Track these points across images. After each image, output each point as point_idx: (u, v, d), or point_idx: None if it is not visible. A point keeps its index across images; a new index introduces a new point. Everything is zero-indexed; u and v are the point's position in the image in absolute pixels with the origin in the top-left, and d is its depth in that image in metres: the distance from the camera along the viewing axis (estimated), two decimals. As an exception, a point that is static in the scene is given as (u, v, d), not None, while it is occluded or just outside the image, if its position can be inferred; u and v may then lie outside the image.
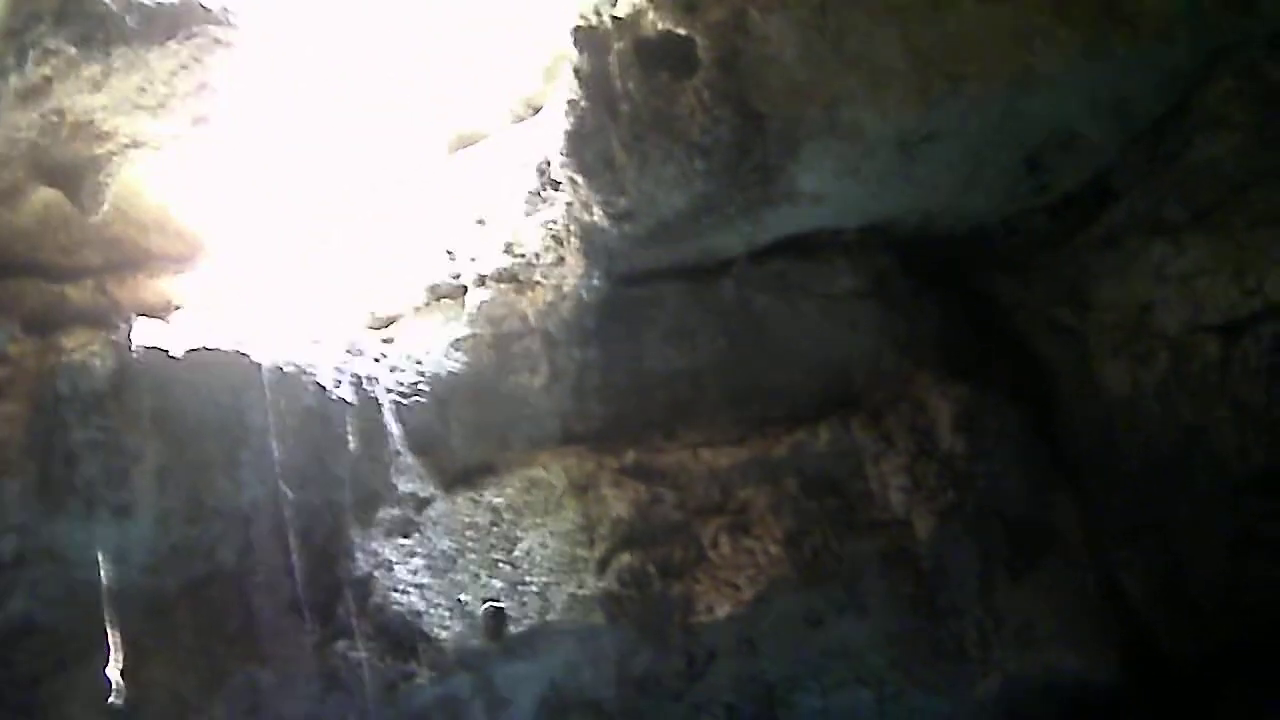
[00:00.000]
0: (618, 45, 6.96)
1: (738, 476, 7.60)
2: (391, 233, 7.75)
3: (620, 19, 6.97)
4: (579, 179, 7.09)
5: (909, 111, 6.82)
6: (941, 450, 7.60)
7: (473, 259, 7.64)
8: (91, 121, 6.69)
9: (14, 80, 6.30)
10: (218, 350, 6.90)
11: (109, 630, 6.56)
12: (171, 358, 6.81)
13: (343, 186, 7.72)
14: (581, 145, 7.05)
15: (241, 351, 6.93)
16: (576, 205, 7.18)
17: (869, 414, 7.71)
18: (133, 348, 6.78)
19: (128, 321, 6.87)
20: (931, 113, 6.82)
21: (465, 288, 7.68)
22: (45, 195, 6.92)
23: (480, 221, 7.65)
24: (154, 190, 7.19)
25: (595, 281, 7.39)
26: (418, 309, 7.76)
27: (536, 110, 7.76)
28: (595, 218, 7.14)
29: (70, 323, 6.90)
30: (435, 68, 7.65)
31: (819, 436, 7.68)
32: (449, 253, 7.70)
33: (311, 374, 7.05)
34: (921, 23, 6.72)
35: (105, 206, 6.95)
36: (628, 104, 6.94)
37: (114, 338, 6.78)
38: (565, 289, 7.44)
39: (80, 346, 6.74)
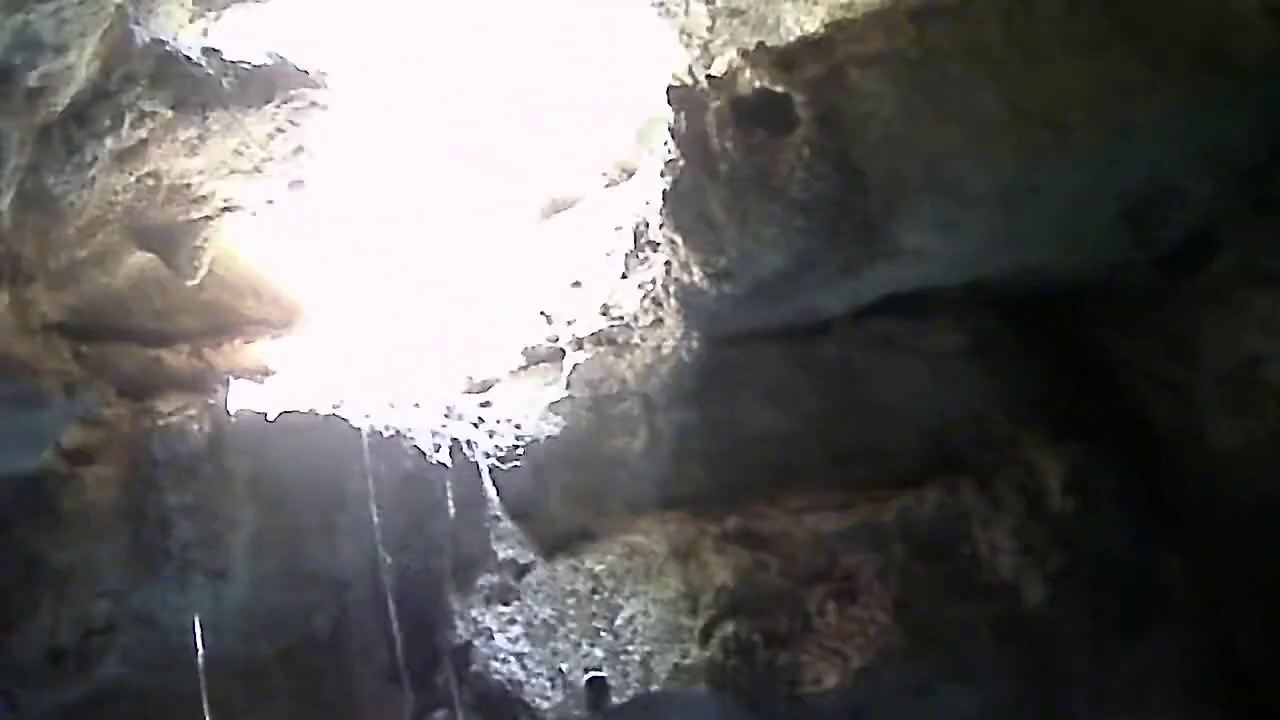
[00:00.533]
0: (714, 104, 6.92)
1: (843, 542, 7.40)
2: (487, 296, 7.70)
3: (716, 78, 6.94)
4: (678, 238, 7.00)
5: (1010, 164, 6.71)
6: (1051, 512, 7.37)
7: (569, 322, 7.56)
8: (188, 185, 6.68)
9: (110, 143, 6.26)
10: (314, 414, 6.83)
11: (202, 696, 6.42)
12: (268, 421, 6.75)
13: (438, 250, 7.66)
14: (680, 204, 6.97)
15: (339, 415, 6.83)
16: (675, 265, 7.08)
17: (976, 476, 7.49)
18: (228, 411, 6.67)
19: (223, 385, 6.77)
20: (1032, 165, 6.70)
21: (562, 351, 7.61)
22: (141, 260, 6.88)
23: (576, 284, 7.59)
24: (250, 255, 7.16)
25: (694, 343, 7.27)
26: (514, 372, 7.68)
27: (629, 174, 7.75)
28: (694, 278, 7.04)
29: (165, 387, 6.84)
30: (528, 132, 7.64)
31: (925, 500, 7.47)
32: (545, 316, 7.63)
33: (410, 438, 6.94)
34: (1018, 76, 6.61)
35: (202, 271, 6.85)
36: (726, 162, 6.87)
37: (210, 401, 6.72)
38: (664, 351, 7.33)
39: (176, 411, 6.70)
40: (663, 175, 7.00)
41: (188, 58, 6.30)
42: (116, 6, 5.89)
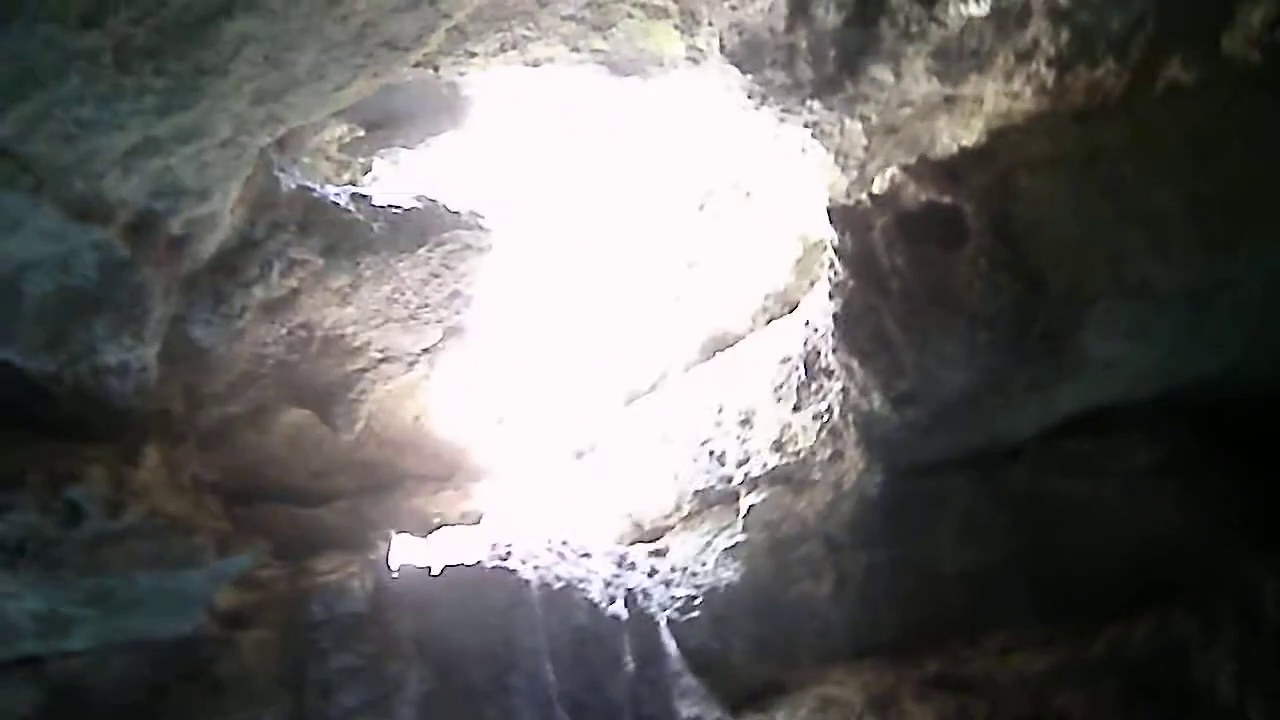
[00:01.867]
0: (880, 221, 6.62)
1: (1052, 681, 6.73)
2: (654, 439, 7.32)
3: (878, 195, 6.66)
4: (854, 362, 6.62)
5: (1195, 260, 6.29)
6: (1271, 629, 6.65)
7: (741, 461, 7.16)
8: (341, 336, 6.51)
9: (258, 292, 6.12)
10: (480, 566, 6.45)
11: None
12: (432, 576, 6.36)
13: (600, 393, 7.35)
14: (853, 326, 6.62)
15: (506, 567, 6.42)
16: (853, 392, 6.69)
17: (1187, 598, 6.81)
18: (390, 568, 6.30)
19: (384, 541, 6.41)
20: (1217, 259, 6.27)
21: (736, 492, 7.17)
22: (295, 417, 6.67)
23: (745, 422, 7.21)
24: (407, 408, 6.89)
25: (878, 476, 6.80)
26: (687, 518, 7.24)
27: (790, 307, 7.43)
28: (874, 404, 6.62)
29: (323, 546, 6.58)
30: (682, 270, 7.41)
31: (1135, 629, 6.77)
32: (716, 457, 7.23)
33: (583, 589, 6.52)
34: (1195, 171, 6.23)
35: (359, 425, 6.59)
36: (897, 279, 6.54)
37: (371, 557, 6.34)
38: (845, 486, 6.87)
39: (335, 569, 6.38)
40: (831, 298, 6.67)
41: (336, 203, 6.18)
42: (260, 150, 5.80)
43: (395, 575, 6.32)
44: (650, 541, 7.22)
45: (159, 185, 5.44)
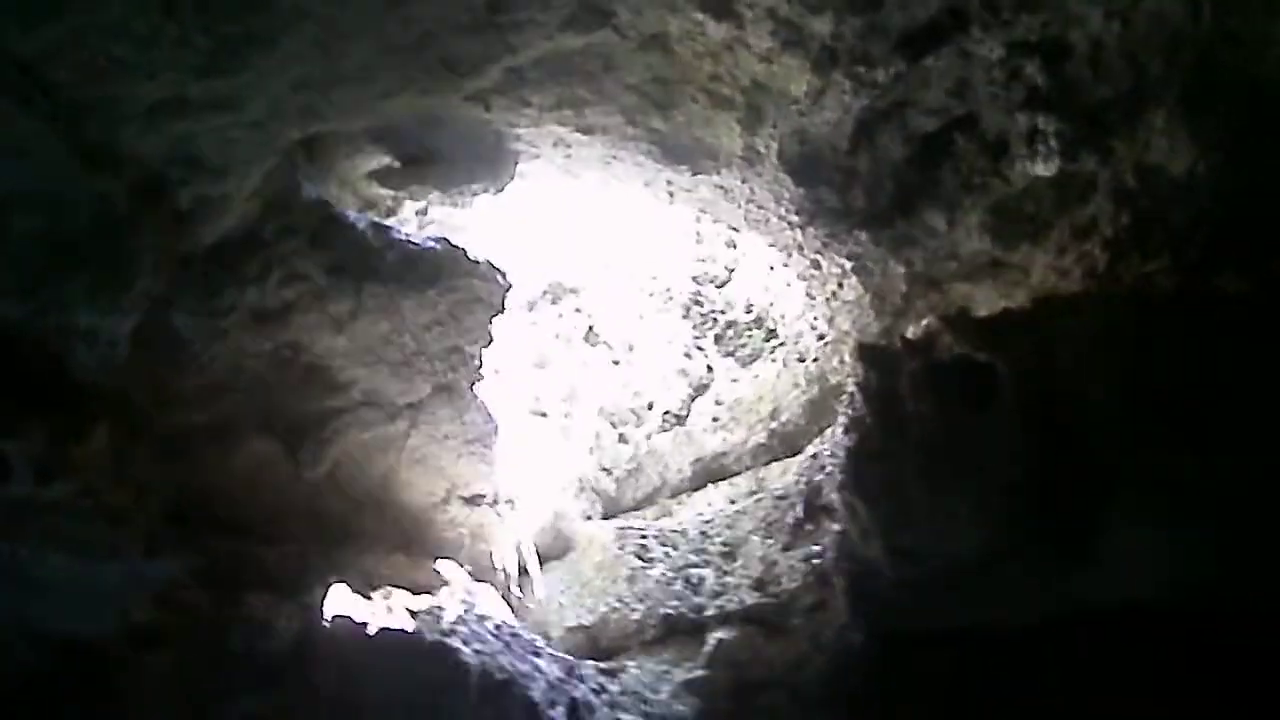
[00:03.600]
0: (909, 366, 6.32)
1: None
2: (630, 557, 6.83)
3: (911, 340, 6.38)
4: (859, 504, 6.20)
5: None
6: None
7: (717, 593, 6.65)
8: (327, 368, 6.10)
9: (251, 295, 5.76)
10: (420, 637, 5.82)
11: None
12: (366, 636, 5.73)
13: (580, 498, 6.90)
14: (866, 466, 6.23)
15: (448, 645, 5.83)
16: (852, 535, 6.24)
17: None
18: (323, 616, 5.73)
19: (323, 587, 5.87)
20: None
21: (706, 624, 6.61)
22: (260, 448, 6.21)
23: (729, 554, 6.73)
24: (377, 465, 6.44)
25: (859, 635, 6.27)
26: (647, 643, 6.68)
27: (794, 451, 7.05)
28: (872, 553, 6.17)
29: (259, 586, 5.91)
30: (686, 392, 7.06)
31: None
32: (691, 584, 6.70)
33: (525, 687, 5.88)
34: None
35: (324, 467, 6.15)
36: (919, 427, 6.18)
37: (306, 600, 5.77)
38: (823, 640, 6.35)
39: (265, 605, 5.73)
40: (846, 433, 6.30)
41: (353, 225, 5.91)
42: (288, 147, 5.56)
43: (326, 624, 5.72)
44: (605, 660, 6.62)
45: (178, 151, 5.17)
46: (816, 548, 6.42)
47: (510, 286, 6.17)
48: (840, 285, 6.75)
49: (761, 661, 6.40)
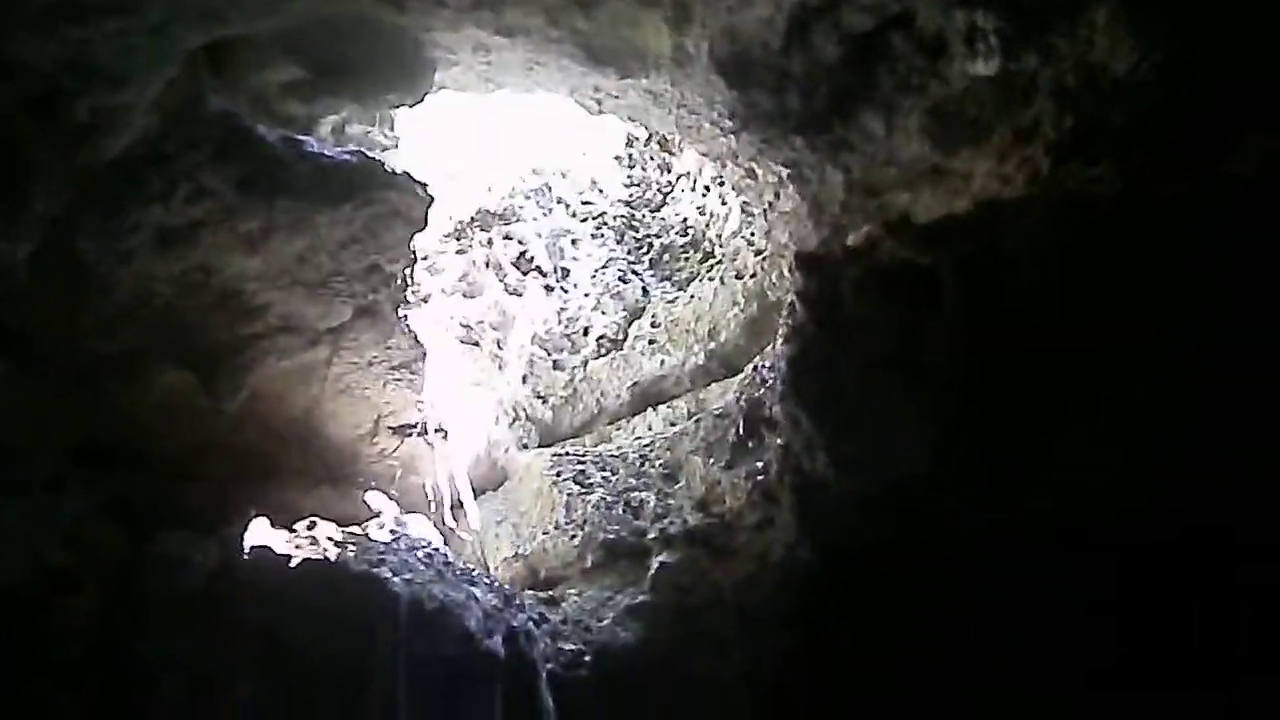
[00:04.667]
0: (851, 272, 6.10)
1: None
2: (568, 484, 6.57)
3: (852, 248, 6.15)
4: (801, 415, 5.98)
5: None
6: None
7: (659, 515, 6.40)
8: (240, 292, 5.74)
9: (158, 212, 5.35)
10: (345, 566, 5.54)
11: None
12: (289, 567, 5.44)
13: (515, 424, 6.64)
14: (807, 376, 6.02)
15: (375, 575, 5.54)
16: (795, 448, 6.02)
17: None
18: (243, 549, 5.44)
19: (242, 520, 5.57)
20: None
21: (649, 548, 6.37)
22: (174, 380, 5.83)
23: (670, 476, 6.49)
24: (299, 397, 6.11)
25: (807, 553, 6.05)
26: (588, 570, 6.41)
27: (734, 372, 6.80)
28: (818, 465, 5.95)
29: (177, 525, 5.59)
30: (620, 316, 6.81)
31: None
32: (631, 507, 6.45)
33: (459, 616, 5.60)
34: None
35: (240, 395, 5.82)
36: (862, 334, 5.97)
37: (224, 534, 5.47)
38: (770, 559, 6.14)
39: (181, 542, 5.42)
40: (785, 343, 6.07)
41: (261, 137, 5.56)
42: (191, 54, 5.21)
43: (246, 557, 5.42)
44: (545, 590, 6.36)
45: (73, 60, 4.81)
46: (759, 464, 6.18)
47: (432, 200, 5.84)
48: (777, 195, 6.48)
49: (707, 583, 6.17)
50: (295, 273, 5.78)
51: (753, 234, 7.09)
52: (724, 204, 7.58)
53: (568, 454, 6.88)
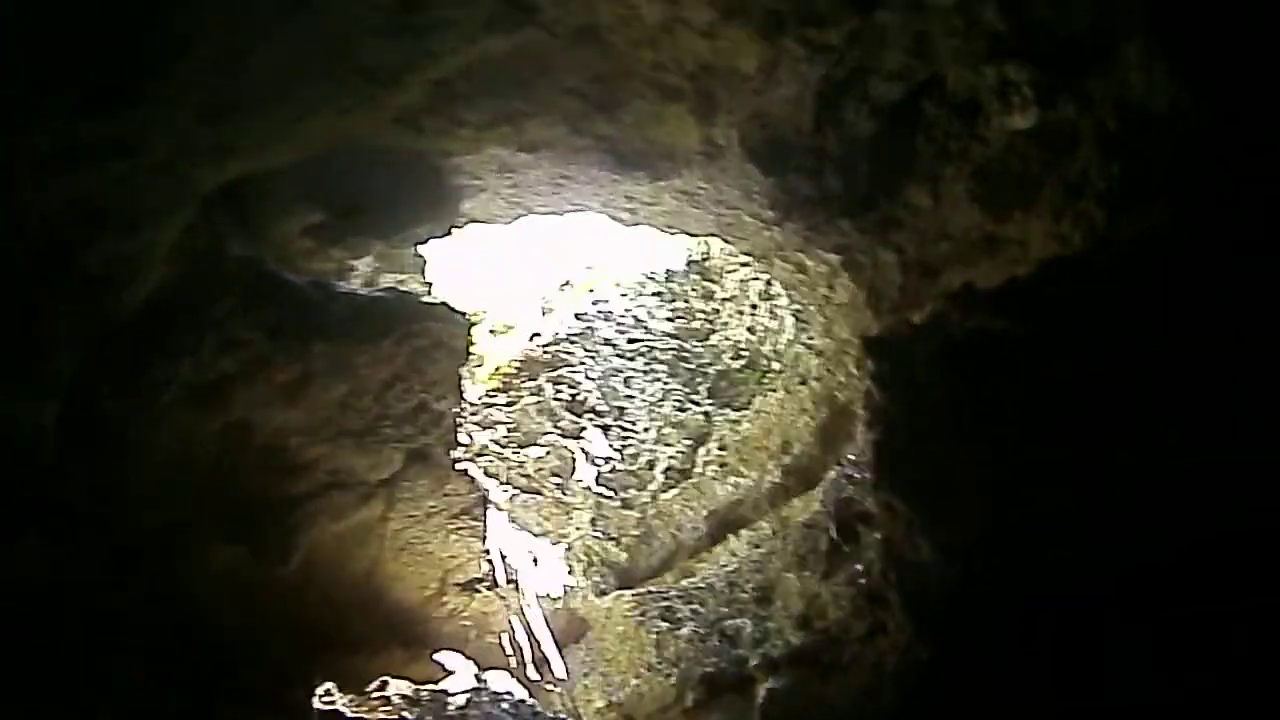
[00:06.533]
0: (923, 348, 5.72)
1: None
2: (654, 624, 6.06)
3: (920, 324, 5.83)
4: (896, 501, 5.51)
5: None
6: None
7: (758, 640, 5.85)
8: (284, 449, 5.39)
9: (187, 367, 5.07)
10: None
11: None
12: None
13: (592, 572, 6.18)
14: (895, 458, 5.57)
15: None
16: (897, 539, 5.52)
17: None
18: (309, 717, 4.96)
19: (308, 687, 5.10)
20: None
21: (752, 677, 5.81)
22: (228, 555, 5.42)
23: (764, 599, 5.98)
24: (359, 560, 5.69)
25: (925, 653, 5.49)
26: (690, 710, 5.84)
27: (812, 484, 6.38)
28: (921, 554, 5.45)
29: (238, 699, 5.10)
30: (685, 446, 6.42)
31: None
32: (727, 637, 5.92)
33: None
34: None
35: (295, 557, 5.42)
36: (944, 407, 5.56)
37: (289, 703, 5.01)
38: (886, 668, 5.54)
39: (244, 716, 4.95)
40: (869, 430, 5.64)
41: (289, 280, 5.33)
42: (206, 199, 5.00)
43: (317, 727, 4.92)
44: (644, 736, 5.79)
45: (76, 210, 4.59)
46: (859, 566, 5.67)
47: (473, 324, 5.55)
48: (831, 287, 6.19)
49: (821, 705, 5.57)
50: (339, 421, 5.46)
51: (811, 337, 6.77)
52: (774, 317, 7.29)
53: (650, 593, 6.42)
